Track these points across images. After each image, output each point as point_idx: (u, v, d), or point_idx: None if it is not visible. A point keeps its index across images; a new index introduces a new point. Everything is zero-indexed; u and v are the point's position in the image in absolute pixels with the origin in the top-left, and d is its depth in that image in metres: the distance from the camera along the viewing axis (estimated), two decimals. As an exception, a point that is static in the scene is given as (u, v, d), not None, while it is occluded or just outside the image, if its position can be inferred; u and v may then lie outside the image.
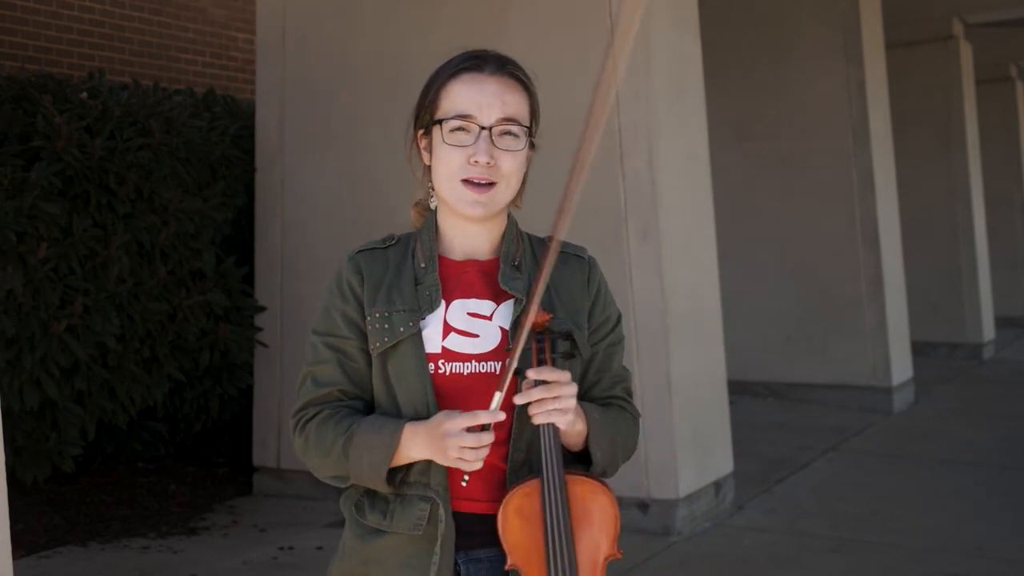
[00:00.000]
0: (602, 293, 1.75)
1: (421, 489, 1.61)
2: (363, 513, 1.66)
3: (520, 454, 1.62)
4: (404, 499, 1.62)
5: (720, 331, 5.30)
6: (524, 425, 1.60)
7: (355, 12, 5.46)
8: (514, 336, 1.56)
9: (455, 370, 1.61)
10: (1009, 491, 5.48)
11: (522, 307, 1.62)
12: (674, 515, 4.68)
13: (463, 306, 1.65)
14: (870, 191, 7.69)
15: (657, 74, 4.77)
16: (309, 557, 4.51)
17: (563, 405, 1.54)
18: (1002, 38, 11.84)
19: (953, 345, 10.53)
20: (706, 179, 5.24)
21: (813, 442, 6.62)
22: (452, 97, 1.63)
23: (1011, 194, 13.44)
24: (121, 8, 7.48)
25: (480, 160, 1.60)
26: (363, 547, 1.65)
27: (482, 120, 1.61)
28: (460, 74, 1.64)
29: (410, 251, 1.70)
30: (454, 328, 1.63)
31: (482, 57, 1.66)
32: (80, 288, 4.61)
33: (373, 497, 1.66)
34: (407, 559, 1.61)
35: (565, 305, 1.68)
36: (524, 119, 1.65)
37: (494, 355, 1.62)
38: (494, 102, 1.62)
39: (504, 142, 1.62)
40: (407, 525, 1.61)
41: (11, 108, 4.66)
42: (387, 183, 5.22)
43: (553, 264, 1.54)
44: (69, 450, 4.67)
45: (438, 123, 1.64)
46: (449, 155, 1.62)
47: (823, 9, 7.83)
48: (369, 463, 1.59)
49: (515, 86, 1.66)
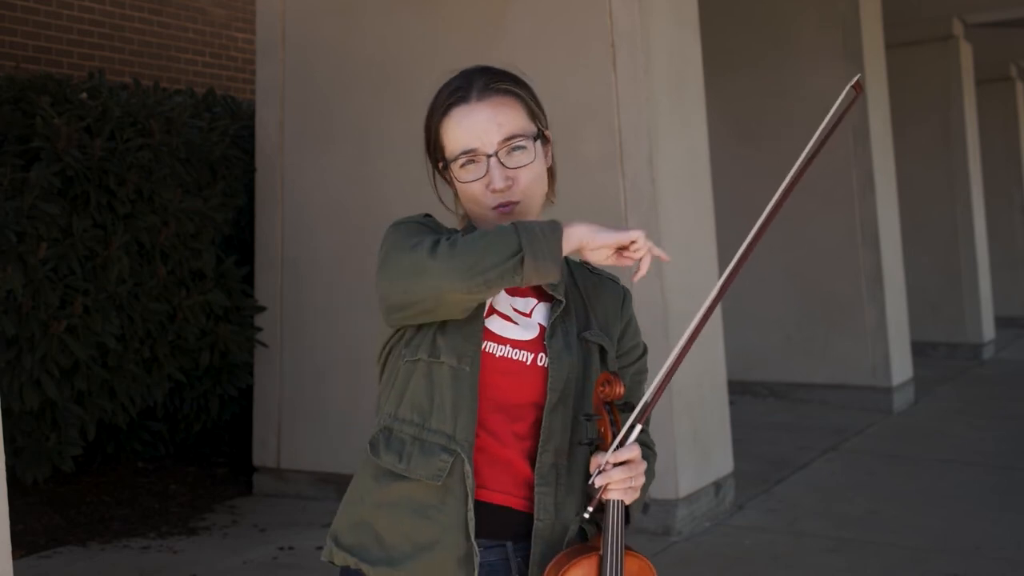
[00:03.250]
0: (633, 323, 1.77)
1: (444, 439, 1.57)
2: (377, 452, 1.62)
3: (548, 457, 1.61)
4: (424, 444, 1.58)
5: (720, 331, 5.30)
6: (554, 429, 1.61)
7: (355, 12, 5.46)
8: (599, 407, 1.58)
9: (490, 349, 1.61)
10: (1009, 491, 5.48)
11: (561, 308, 1.65)
12: (674, 515, 4.68)
13: (508, 299, 1.67)
14: (870, 191, 7.69)
15: (657, 74, 4.78)
16: (309, 557, 4.51)
17: (637, 483, 1.56)
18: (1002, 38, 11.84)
19: (953, 345, 10.53)
20: (706, 179, 5.24)
21: (813, 442, 6.62)
22: (450, 136, 1.64)
23: (1011, 194, 13.45)
24: (121, 8, 7.48)
25: (498, 187, 1.61)
26: (377, 488, 1.61)
27: (485, 149, 1.61)
28: (449, 111, 1.65)
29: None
30: (498, 311, 1.65)
31: (464, 86, 1.65)
32: (80, 288, 4.61)
33: (390, 435, 1.62)
34: (422, 508, 1.57)
35: (599, 319, 1.71)
36: (526, 129, 1.64)
37: (530, 346, 1.63)
38: (490, 128, 1.62)
39: (514, 159, 1.62)
40: (426, 472, 1.56)
41: (11, 108, 4.66)
42: (387, 182, 5.22)
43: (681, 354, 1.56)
44: (69, 450, 4.67)
45: (449, 163, 1.65)
46: (471, 190, 1.64)
47: (823, 9, 7.84)
48: (543, 229, 1.50)
49: (506, 100, 1.64)
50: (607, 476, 1.53)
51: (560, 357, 1.62)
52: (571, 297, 1.70)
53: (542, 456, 1.61)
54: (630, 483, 1.54)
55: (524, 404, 1.62)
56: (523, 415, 1.62)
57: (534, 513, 1.60)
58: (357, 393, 5.17)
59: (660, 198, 4.70)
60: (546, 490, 1.60)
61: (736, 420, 5.67)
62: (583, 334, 1.66)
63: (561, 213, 1.83)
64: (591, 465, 1.56)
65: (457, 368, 1.59)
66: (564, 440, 1.62)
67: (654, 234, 4.67)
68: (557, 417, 1.61)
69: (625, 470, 1.53)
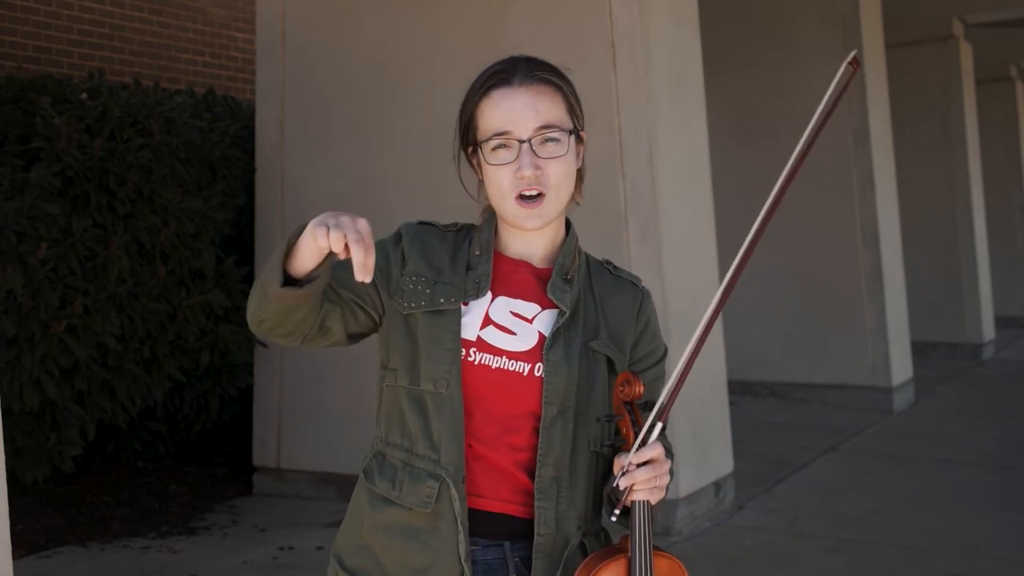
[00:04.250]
0: (651, 325, 1.73)
1: (431, 465, 1.58)
2: (372, 479, 1.64)
3: (548, 471, 1.59)
4: (413, 471, 1.59)
5: (720, 331, 5.31)
6: (552, 442, 1.59)
7: (355, 12, 5.46)
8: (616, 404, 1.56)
9: (484, 361, 1.59)
10: (1009, 491, 5.48)
11: (564, 318, 1.61)
12: (674, 515, 4.68)
13: (508, 304, 1.64)
14: (870, 191, 7.69)
15: (657, 74, 4.78)
16: (309, 557, 4.51)
17: (662, 483, 1.52)
18: (1002, 38, 11.84)
19: (953, 345, 10.54)
20: (706, 179, 5.24)
21: (813, 442, 6.62)
22: (486, 117, 1.62)
23: (1011, 194, 13.45)
24: (121, 8, 7.48)
25: (526, 174, 1.58)
26: (372, 513, 1.62)
27: (519, 134, 1.59)
28: (490, 91, 1.62)
29: (468, 239, 1.69)
30: (494, 322, 1.62)
31: (509, 69, 1.64)
32: (80, 288, 4.61)
33: (383, 461, 1.63)
34: (415, 533, 1.58)
35: (611, 326, 1.67)
36: (563, 122, 1.63)
37: (526, 356, 1.60)
38: (527, 113, 1.59)
39: (546, 150, 1.60)
40: (415, 500, 1.58)
41: (11, 109, 4.66)
42: (387, 182, 5.22)
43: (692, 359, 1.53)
44: (69, 450, 4.67)
45: (480, 145, 1.63)
46: (498, 175, 1.61)
47: (823, 9, 7.84)
48: (276, 248, 1.50)
49: (547, 90, 1.63)
50: (632, 477, 1.49)
51: (557, 369, 1.58)
52: (584, 303, 1.66)
53: (542, 470, 1.59)
54: (655, 483, 1.51)
55: (521, 415, 1.60)
56: (520, 426, 1.60)
57: (535, 528, 1.59)
58: (357, 393, 5.16)
59: (660, 198, 4.70)
60: (547, 504, 1.59)
61: (736, 420, 5.67)
62: (590, 344, 1.62)
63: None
64: (614, 467, 1.53)
65: (435, 392, 1.58)
66: (565, 453, 1.59)
67: (654, 234, 4.67)
68: (556, 430, 1.59)
69: (649, 470, 1.50)
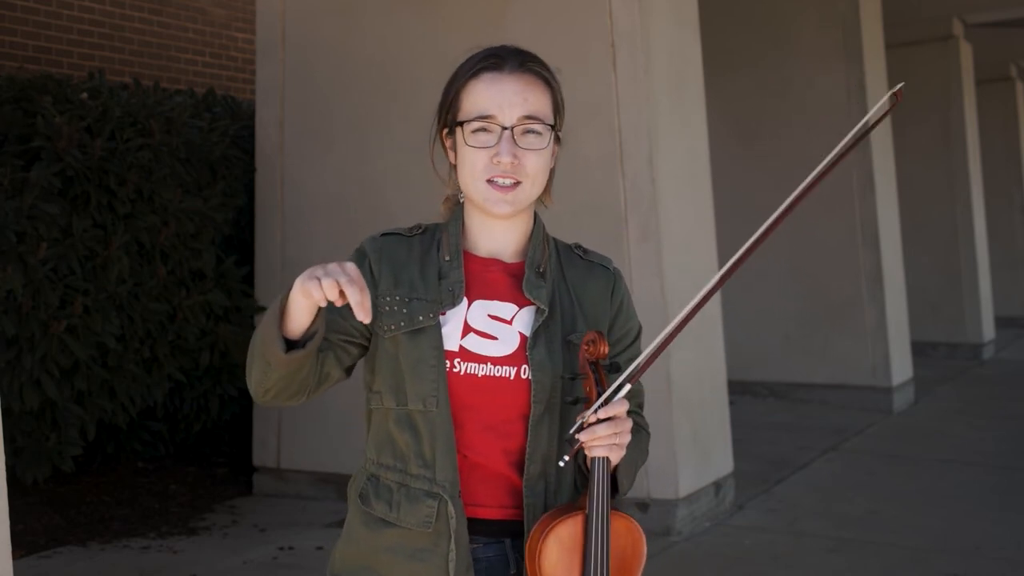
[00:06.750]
0: (625, 306, 1.72)
1: (426, 484, 1.58)
2: (368, 502, 1.64)
3: (536, 467, 1.60)
4: (409, 492, 1.59)
5: (720, 331, 5.30)
6: (540, 439, 1.59)
7: (355, 12, 5.46)
8: (580, 372, 1.56)
9: (470, 370, 1.59)
10: (1009, 491, 5.48)
11: (544, 316, 1.61)
12: (674, 515, 4.68)
13: (485, 307, 1.63)
14: (870, 191, 7.69)
15: (657, 74, 4.78)
16: (309, 557, 4.51)
17: (622, 440, 1.51)
18: (1002, 38, 11.84)
19: (953, 345, 10.53)
20: (706, 179, 5.24)
21: (813, 442, 6.62)
22: (472, 98, 1.61)
23: (1011, 194, 13.45)
24: (121, 8, 7.48)
25: (503, 160, 1.57)
26: (371, 535, 1.62)
27: (503, 120, 1.58)
28: (480, 74, 1.62)
29: (436, 242, 1.67)
30: (474, 328, 1.61)
31: (501, 55, 1.63)
32: (80, 288, 4.61)
33: (377, 484, 1.63)
34: (417, 552, 1.58)
35: (587, 314, 1.66)
36: (547, 116, 1.62)
37: (511, 360, 1.59)
38: (515, 100, 1.59)
39: (527, 140, 1.59)
40: (415, 521, 1.58)
41: (11, 108, 4.66)
42: (387, 182, 5.22)
43: None
44: (69, 450, 4.67)
45: (460, 124, 1.61)
46: (473, 156, 1.59)
47: (823, 9, 7.84)
48: (267, 316, 1.51)
49: (536, 82, 1.63)
50: (592, 431, 1.48)
51: (543, 367, 1.58)
52: (558, 294, 1.66)
53: (529, 467, 1.60)
54: (615, 440, 1.49)
55: (512, 419, 1.60)
56: (513, 431, 1.60)
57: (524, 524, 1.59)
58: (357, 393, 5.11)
59: (660, 198, 4.70)
60: (534, 501, 1.60)
61: (736, 420, 5.67)
62: (568, 337, 1.62)
63: (561, 213, 1.84)
64: (576, 419, 1.52)
65: (424, 411, 1.58)
66: (552, 447, 1.60)
67: (654, 234, 4.67)
68: (544, 427, 1.59)
69: (609, 426, 1.48)
